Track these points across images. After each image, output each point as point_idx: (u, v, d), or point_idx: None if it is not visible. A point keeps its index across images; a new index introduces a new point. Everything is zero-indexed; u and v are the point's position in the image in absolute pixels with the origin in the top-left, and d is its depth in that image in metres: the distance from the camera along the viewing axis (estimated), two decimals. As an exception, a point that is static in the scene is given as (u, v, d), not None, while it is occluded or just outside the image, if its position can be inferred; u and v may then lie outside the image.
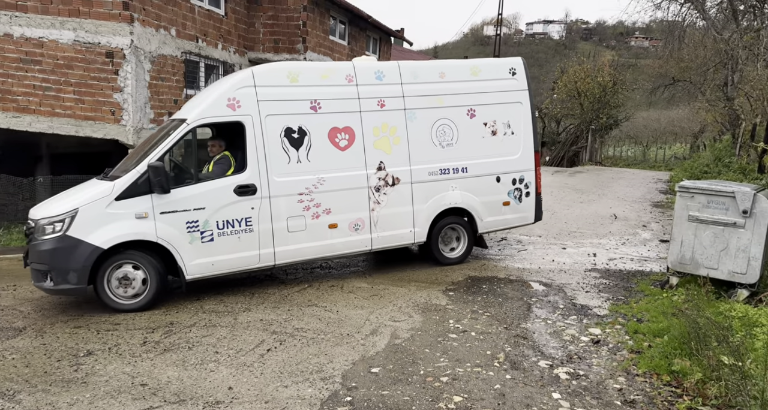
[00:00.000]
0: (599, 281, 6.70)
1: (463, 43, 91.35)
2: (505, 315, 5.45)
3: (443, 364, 4.31)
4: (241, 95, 5.84)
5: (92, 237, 5.27)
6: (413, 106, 6.73)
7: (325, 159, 6.25)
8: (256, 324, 5.17)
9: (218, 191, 5.75)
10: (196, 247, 5.68)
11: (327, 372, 4.17)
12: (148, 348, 4.62)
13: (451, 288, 6.37)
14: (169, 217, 5.54)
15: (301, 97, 6.14)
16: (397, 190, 6.68)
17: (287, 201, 6.08)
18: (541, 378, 4.09)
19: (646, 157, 31.13)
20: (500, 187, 7.35)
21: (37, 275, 5.42)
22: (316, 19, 14.37)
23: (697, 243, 5.67)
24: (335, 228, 6.36)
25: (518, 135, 7.40)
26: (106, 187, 5.44)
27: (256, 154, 5.90)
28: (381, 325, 5.16)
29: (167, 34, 10.98)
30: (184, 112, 6.09)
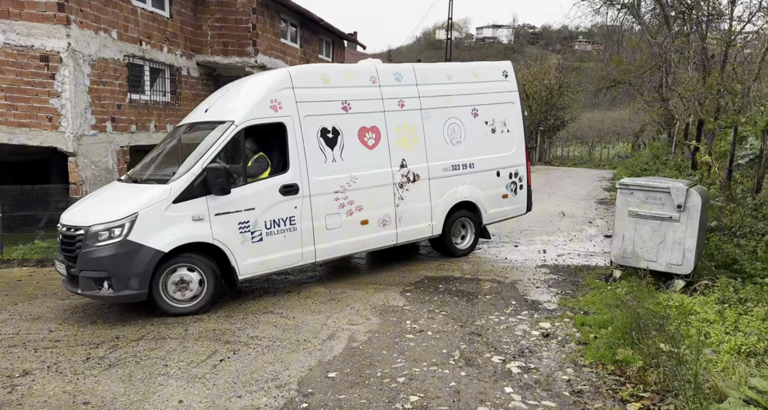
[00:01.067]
0: (549, 276, 6.94)
1: (416, 47, 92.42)
2: (461, 314, 5.55)
3: (400, 365, 4.34)
4: (282, 97, 6.00)
5: (153, 240, 5.24)
6: (428, 106, 7.17)
7: (356, 157, 6.51)
8: (208, 335, 5.04)
9: (266, 191, 5.86)
10: (247, 247, 5.75)
11: (282, 379, 4.12)
12: (91, 365, 4.41)
13: (409, 289, 6.42)
14: (223, 218, 5.59)
15: (334, 97, 6.39)
16: (417, 186, 7.04)
17: (325, 199, 6.27)
18: (495, 373, 4.18)
19: (591, 157, 32.53)
20: (500, 180, 7.97)
21: (89, 283, 5.25)
22: (266, 22, 14.18)
23: (637, 237, 5.97)
24: (366, 224, 6.62)
25: (513, 132, 8.06)
26: (163, 190, 5.40)
27: (297, 153, 6.06)
28: (338, 329, 5.14)
29: (108, 37, 10.56)
30: (221, 113, 6.05)
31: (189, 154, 5.82)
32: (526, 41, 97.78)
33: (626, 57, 17.43)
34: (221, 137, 5.69)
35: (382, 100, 6.76)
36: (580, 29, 52.65)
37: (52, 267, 7.91)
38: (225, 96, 6.46)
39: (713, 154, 9.88)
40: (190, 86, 13.67)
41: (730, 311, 4.71)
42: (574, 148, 38.81)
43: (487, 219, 7.93)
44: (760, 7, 12.53)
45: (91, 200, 6.11)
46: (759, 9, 12.56)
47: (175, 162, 5.94)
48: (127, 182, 6.11)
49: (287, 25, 15.71)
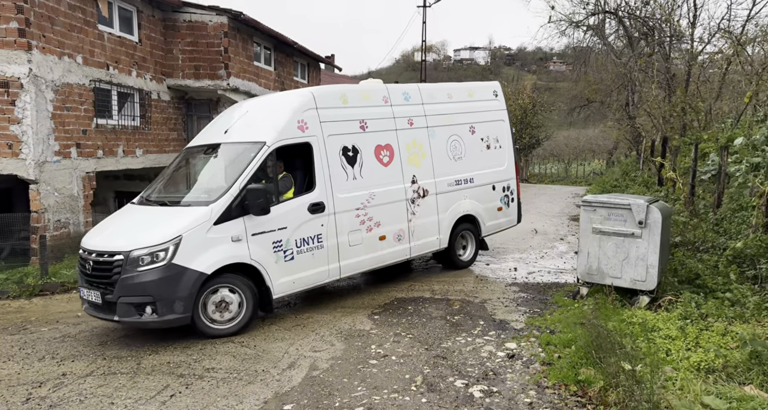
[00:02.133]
0: (518, 295, 6.88)
1: (395, 69, 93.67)
2: (427, 336, 5.43)
3: (360, 393, 4.20)
4: (308, 117, 6.16)
5: (196, 263, 5.24)
6: (433, 124, 7.48)
7: (374, 175, 6.73)
8: (162, 368, 4.83)
9: (296, 210, 5.96)
10: (280, 266, 5.82)
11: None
12: (31, 406, 4.16)
13: (377, 312, 6.30)
14: (259, 238, 5.66)
15: (352, 117, 6.60)
16: (427, 201, 7.30)
17: (348, 216, 6.42)
18: (456, 398, 4.07)
19: (568, 174, 32.94)
20: (495, 194, 8.36)
21: (129, 309, 5.17)
22: (238, 45, 14.20)
23: (602, 253, 5.96)
24: (384, 239, 6.83)
25: (504, 148, 8.49)
26: (204, 212, 5.41)
27: (322, 172, 6.21)
28: (300, 357, 4.98)
29: (73, 62, 10.42)
30: (249, 134, 6.13)
31: (221, 175, 5.98)
32: (503, 62, 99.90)
33: (593, 76, 17.86)
34: (255, 158, 5.74)
35: (394, 119, 7.03)
36: (554, 50, 54.28)
37: (7, 299, 7.59)
38: (245, 117, 6.50)
39: (678, 170, 10.06)
40: (160, 110, 13.53)
41: (691, 327, 4.68)
42: (551, 165, 39.40)
43: (485, 232, 8.29)
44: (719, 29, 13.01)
45: (117, 224, 6.00)
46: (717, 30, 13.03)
47: (206, 184, 6.14)
48: (146, 205, 6.08)
49: (261, 48, 15.75)
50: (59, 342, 5.63)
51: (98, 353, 5.26)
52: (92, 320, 6.38)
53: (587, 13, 14.94)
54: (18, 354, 5.31)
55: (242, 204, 5.53)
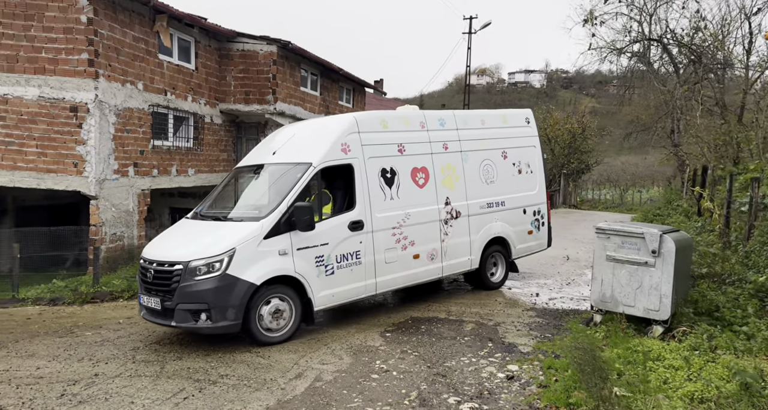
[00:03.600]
0: (533, 320, 6.87)
1: (447, 92, 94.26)
2: (433, 355, 5.57)
3: (355, 405, 4.41)
4: (350, 140, 6.58)
5: (247, 274, 5.65)
6: (467, 148, 7.83)
7: (410, 196, 7.06)
8: (182, 373, 5.23)
9: (337, 227, 6.33)
10: (321, 280, 6.18)
11: (239, 417, 4.23)
12: (63, 401, 4.62)
13: (390, 330, 6.49)
14: (303, 253, 6.04)
15: (392, 141, 7.00)
16: (459, 223, 7.60)
17: (385, 235, 6.75)
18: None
19: (623, 201, 31.78)
20: (526, 218, 8.57)
21: (185, 316, 5.62)
22: (286, 72, 15.04)
23: (616, 281, 5.91)
24: (418, 258, 7.13)
25: (535, 173, 8.76)
26: (255, 227, 5.84)
27: (362, 192, 6.58)
28: (308, 369, 5.25)
29: (134, 88, 11.46)
30: (296, 156, 6.58)
31: (269, 193, 6.41)
32: (559, 85, 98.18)
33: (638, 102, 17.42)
34: (302, 178, 6.16)
35: (429, 143, 7.40)
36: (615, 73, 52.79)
37: (63, 305, 8.35)
38: (293, 139, 7.00)
39: (716, 201, 9.68)
40: (212, 132, 14.48)
41: (697, 358, 4.58)
42: (606, 191, 38.20)
43: (515, 254, 8.46)
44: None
45: (174, 237, 6.52)
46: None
47: (257, 201, 6.56)
48: (200, 219, 6.62)
49: (308, 74, 16.57)
50: (98, 345, 6.18)
51: (129, 357, 5.75)
52: (130, 326, 6.95)
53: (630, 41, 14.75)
54: (62, 355, 5.88)
55: (289, 220, 5.93)
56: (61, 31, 10.23)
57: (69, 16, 10.21)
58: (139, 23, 11.51)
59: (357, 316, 7.19)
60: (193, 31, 13.28)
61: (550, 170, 28.72)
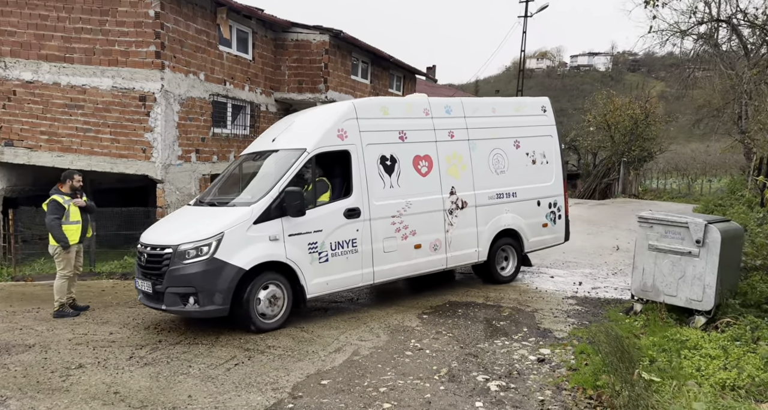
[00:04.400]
0: (573, 307, 6.87)
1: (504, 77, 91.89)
2: (467, 336, 5.75)
3: (388, 377, 4.68)
4: (347, 126, 6.46)
5: (236, 258, 5.63)
6: (475, 137, 7.55)
7: (411, 184, 6.89)
8: (234, 342, 5.69)
9: (332, 214, 6.26)
10: (315, 267, 6.13)
11: (280, 383, 4.61)
12: (132, 362, 5.18)
13: (428, 312, 6.71)
14: (295, 239, 5.99)
15: (392, 128, 6.82)
16: (465, 213, 7.37)
17: (383, 223, 6.61)
18: (473, 390, 4.38)
19: (690, 190, 30.05)
20: (540, 210, 8.23)
21: (175, 299, 5.68)
22: (337, 61, 15.37)
23: (657, 271, 5.82)
24: (419, 248, 6.96)
25: (551, 164, 8.40)
26: (245, 212, 5.82)
27: (359, 179, 6.47)
28: (347, 344, 5.58)
29: (196, 79, 12.15)
30: (292, 142, 6.55)
31: (264, 179, 6.38)
32: (626, 68, 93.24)
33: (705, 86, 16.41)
34: (295, 163, 6.11)
35: (434, 131, 7.18)
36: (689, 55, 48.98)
37: (132, 279, 9.16)
38: (291, 127, 6.96)
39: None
40: (267, 120, 15.08)
41: (737, 348, 4.50)
42: (672, 180, 36.24)
43: (528, 248, 8.14)
44: None
45: (171, 222, 6.65)
46: None
47: (250, 187, 6.49)
48: (199, 206, 6.64)
49: (358, 62, 16.84)
50: (162, 315, 6.79)
51: (189, 327, 6.30)
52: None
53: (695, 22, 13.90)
54: (131, 323, 6.53)
55: (281, 205, 5.86)
56: (132, 25, 11.00)
57: (139, 10, 10.94)
58: (201, 16, 12.15)
59: (396, 298, 7.45)
60: (251, 22, 13.82)
61: (608, 158, 27.68)
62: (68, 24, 11.05)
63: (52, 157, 11.34)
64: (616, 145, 26.84)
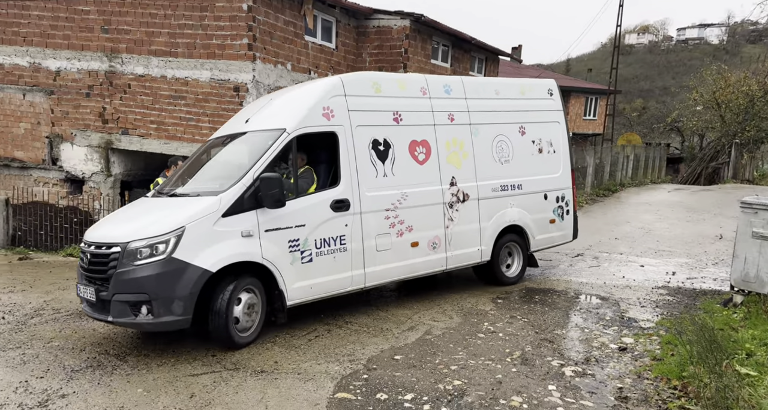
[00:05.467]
0: (663, 298, 6.46)
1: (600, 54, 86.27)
2: (543, 322, 5.63)
3: (459, 357, 4.74)
4: (334, 104, 5.59)
5: (200, 259, 4.69)
6: (477, 121, 6.73)
7: (407, 173, 6.06)
8: (315, 317, 5.97)
9: (317, 207, 5.38)
10: (296, 269, 5.24)
11: (356, 356, 4.84)
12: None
13: (502, 297, 6.64)
14: (273, 235, 5.08)
15: (385, 108, 5.98)
16: (467, 207, 6.55)
17: (376, 217, 5.79)
18: (546, 373, 4.32)
19: (817, 176, 26.63)
20: (547, 204, 7.38)
21: (123, 308, 4.65)
22: (417, 46, 15.35)
23: (762, 260, 5.31)
24: (416, 246, 6.13)
25: (559, 153, 7.55)
26: (211, 202, 4.87)
27: (348, 166, 5.60)
28: (420, 323, 5.70)
29: (284, 69, 12.75)
30: (269, 122, 5.64)
31: (235, 165, 5.45)
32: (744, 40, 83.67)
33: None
34: (272, 146, 5.19)
35: (432, 113, 6.32)
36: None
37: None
38: (268, 105, 6.02)
39: None
40: (350, 107, 15.46)
41: None
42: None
43: (534, 246, 7.28)
44: None
45: (121, 216, 5.67)
46: None
47: (218, 174, 5.60)
48: (156, 197, 5.73)
49: (438, 45, 16.69)
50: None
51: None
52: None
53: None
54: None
55: (255, 195, 4.95)
56: (227, 19, 11.74)
57: (234, 5, 11.65)
58: (289, 7, 12.67)
59: (471, 283, 7.42)
60: (335, 11, 14.17)
61: (717, 139, 25.19)
62: (173, 21, 12.03)
63: (160, 144, 12.50)
64: (727, 125, 24.33)
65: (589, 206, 15.65)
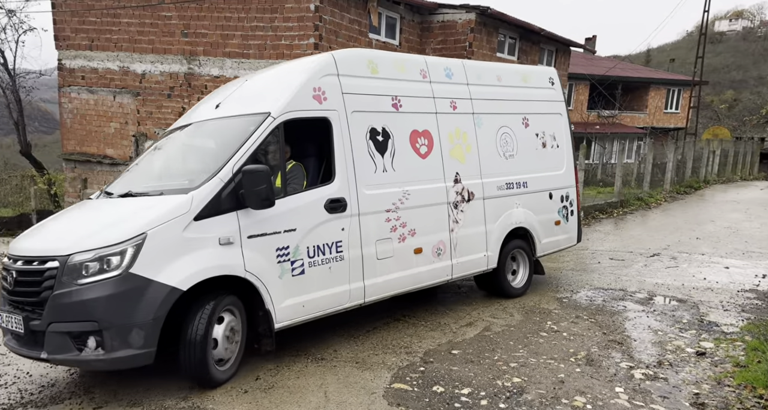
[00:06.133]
0: (750, 301, 5.92)
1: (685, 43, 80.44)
2: (611, 323, 5.33)
3: (519, 354, 4.58)
4: (327, 85, 4.69)
5: (165, 274, 3.65)
6: (480, 110, 5.98)
7: (408, 168, 5.26)
8: (381, 307, 5.82)
9: (310, 207, 4.47)
10: (286, 283, 4.29)
11: (413, 348, 4.81)
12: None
13: (567, 297, 6.36)
14: (258, 243, 4.11)
15: (383, 91, 5.15)
16: (472, 207, 5.78)
17: (376, 220, 4.93)
18: (614, 375, 4.08)
19: None
20: (552, 204, 6.64)
21: (63, 342, 3.58)
22: (482, 39, 15.05)
23: None
24: (420, 253, 5.30)
25: (562, 148, 6.83)
26: (180, 202, 3.86)
27: (344, 159, 4.72)
28: (479, 320, 5.57)
29: (348, 67, 12.94)
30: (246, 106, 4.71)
31: (208, 157, 4.58)
32: None
33: None
34: (255, 133, 4.24)
35: (433, 99, 5.56)
36: None
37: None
38: (243, 87, 5.14)
39: None
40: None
41: None
42: None
43: (540, 251, 6.49)
44: None
45: (59, 222, 4.42)
46: None
47: (187, 168, 4.74)
48: (105, 198, 4.61)
49: (505, 38, 16.27)
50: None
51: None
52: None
53: None
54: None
55: (236, 193, 4.00)
56: (295, 20, 12.11)
57: (302, 5, 12.00)
58: (354, 6, 12.85)
59: (534, 283, 7.15)
60: (399, 8, 14.20)
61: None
62: (246, 23, 12.57)
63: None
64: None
65: (668, 204, 14.67)
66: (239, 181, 4.01)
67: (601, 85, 26.96)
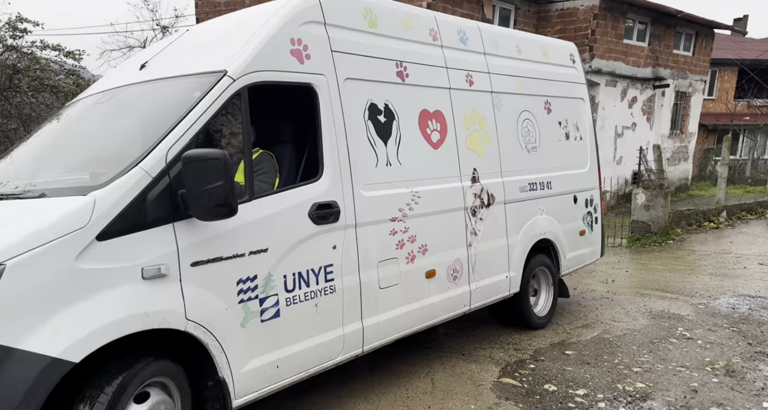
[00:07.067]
0: None
1: None
2: (759, 334, 4.67)
3: (644, 359, 4.19)
4: (309, 37, 3.21)
5: (39, 336, 2.17)
6: (499, 88, 4.60)
7: (418, 161, 3.86)
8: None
9: (288, 216, 3.03)
10: (251, 334, 2.85)
11: (522, 346, 4.60)
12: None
13: (704, 302, 5.69)
14: (207, 273, 2.67)
15: (385, 54, 3.68)
16: (492, 214, 4.42)
17: (377, 232, 3.51)
18: (761, 389, 3.56)
19: None
20: (577, 210, 5.37)
21: None
22: (607, 25, 14.03)
23: None
24: (433, 277, 3.93)
25: (585, 141, 5.57)
26: (72, 210, 2.34)
27: (336, 146, 3.28)
28: (596, 322, 5.19)
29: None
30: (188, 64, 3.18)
31: (125, 138, 3.13)
32: None
33: None
34: (203, 101, 2.74)
35: (446, 69, 4.11)
36: None
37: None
38: (183, 38, 3.65)
39: None
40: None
41: None
42: None
43: (565, 268, 5.24)
44: None
45: None
46: None
47: (88, 155, 3.15)
48: None
49: (634, 23, 14.99)
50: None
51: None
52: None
53: None
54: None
55: (172, 194, 2.54)
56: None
57: (414, 3, 12.13)
58: (467, 0, 12.70)
59: (664, 283, 6.51)
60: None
61: None
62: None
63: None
64: None
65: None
66: (177, 175, 2.53)
67: (753, 71, 23.74)
